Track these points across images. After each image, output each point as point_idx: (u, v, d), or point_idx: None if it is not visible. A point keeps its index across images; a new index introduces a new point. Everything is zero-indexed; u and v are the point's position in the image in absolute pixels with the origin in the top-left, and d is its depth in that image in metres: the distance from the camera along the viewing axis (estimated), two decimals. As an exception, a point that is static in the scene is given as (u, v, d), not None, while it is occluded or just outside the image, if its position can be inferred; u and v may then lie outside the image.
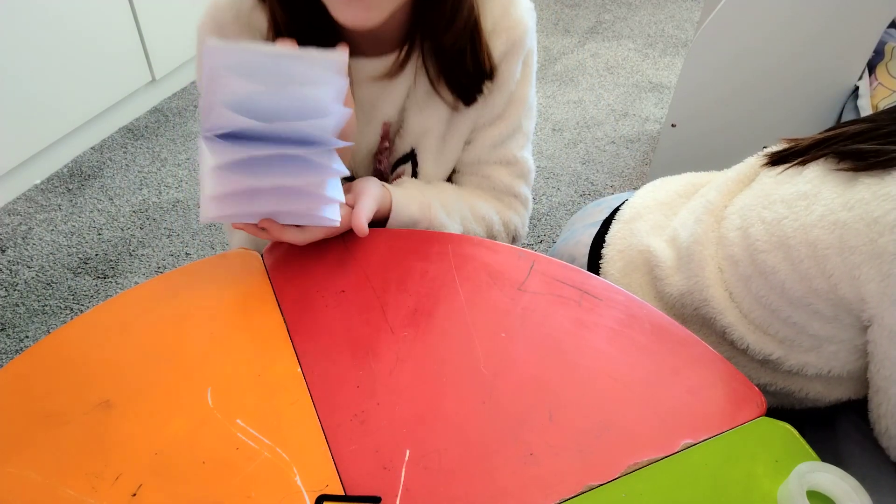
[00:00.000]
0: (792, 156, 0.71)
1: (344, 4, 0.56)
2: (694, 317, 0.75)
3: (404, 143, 0.76)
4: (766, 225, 0.67)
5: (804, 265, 0.63)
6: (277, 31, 0.63)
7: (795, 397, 0.71)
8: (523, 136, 0.78)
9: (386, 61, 0.67)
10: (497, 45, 0.69)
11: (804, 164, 0.68)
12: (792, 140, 0.73)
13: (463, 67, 0.68)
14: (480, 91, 0.71)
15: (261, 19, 0.64)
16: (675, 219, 0.82)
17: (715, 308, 0.71)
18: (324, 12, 0.59)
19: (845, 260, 0.60)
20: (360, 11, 0.57)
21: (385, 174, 0.80)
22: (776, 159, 0.73)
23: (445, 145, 0.76)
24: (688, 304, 0.74)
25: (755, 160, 0.77)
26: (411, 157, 0.77)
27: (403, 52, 0.67)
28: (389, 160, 0.79)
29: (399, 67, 0.68)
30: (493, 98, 0.73)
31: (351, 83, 0.69)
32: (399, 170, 0.78)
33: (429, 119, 0.73)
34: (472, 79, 0.70)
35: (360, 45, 0.68)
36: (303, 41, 0.63)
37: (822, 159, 0.66)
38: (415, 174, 0.78)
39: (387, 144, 0.76)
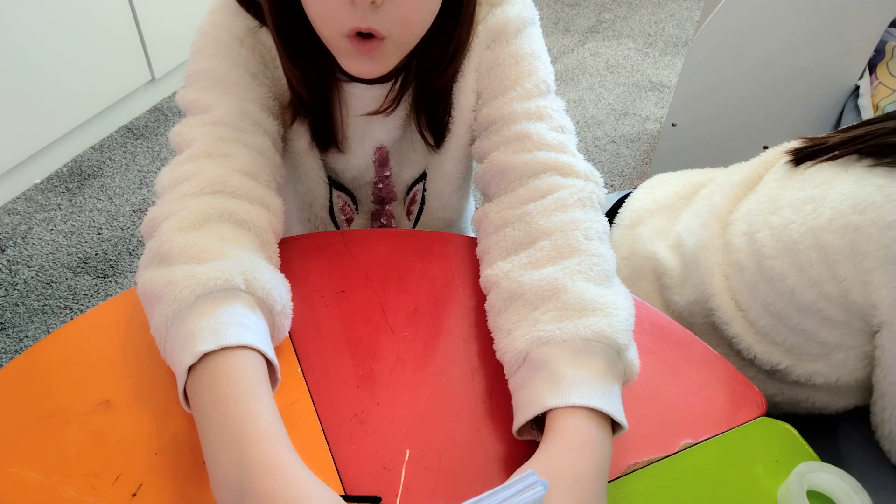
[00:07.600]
0: (820, 152, 0.68)
1: (352, 57, 0.57)
2: (703, 326, 0.74)
3: (411, 168, 0.75)
4: (774, 230, 0.66)
5: (814, 270, 0.62)
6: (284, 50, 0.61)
7: (802, 406, 0.70)
8: (544, 88, 0.63)
9: (380, 90, 0.66)
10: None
11: (834, 161, 0.65)
12: (811, 138, 0.71)
13: (437, 109, 0.67)
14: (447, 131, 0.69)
15: (268, 38, 0.62)
16: (678, 223, 0.81)
17: (721, 318, 0.70)
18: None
19: (857, 265, 0.59)
20: (367, 64, 0.57)
21: (387, 201, 0.78)
22: (801, 156, 0.70)
23: (457, 165, 0.73)
24: (696, 312, 0.73)
25: (758, 163, 0.75)
26: (423, 177, 0.76)
27: (397, 85, 0.65)
28: (393, 187, 0.76)
29: (392, 103, 0.66)
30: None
31: (344, 109, 0.67)
32: (413, 191, 0.77)
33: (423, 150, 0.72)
34: (441, 122, 0.68)
35: None
36: (304, 64, 0.62)
37: (853, 157, 0.63)
38: (424, 195, 0.77)
39: (387, 173, 0.74)
